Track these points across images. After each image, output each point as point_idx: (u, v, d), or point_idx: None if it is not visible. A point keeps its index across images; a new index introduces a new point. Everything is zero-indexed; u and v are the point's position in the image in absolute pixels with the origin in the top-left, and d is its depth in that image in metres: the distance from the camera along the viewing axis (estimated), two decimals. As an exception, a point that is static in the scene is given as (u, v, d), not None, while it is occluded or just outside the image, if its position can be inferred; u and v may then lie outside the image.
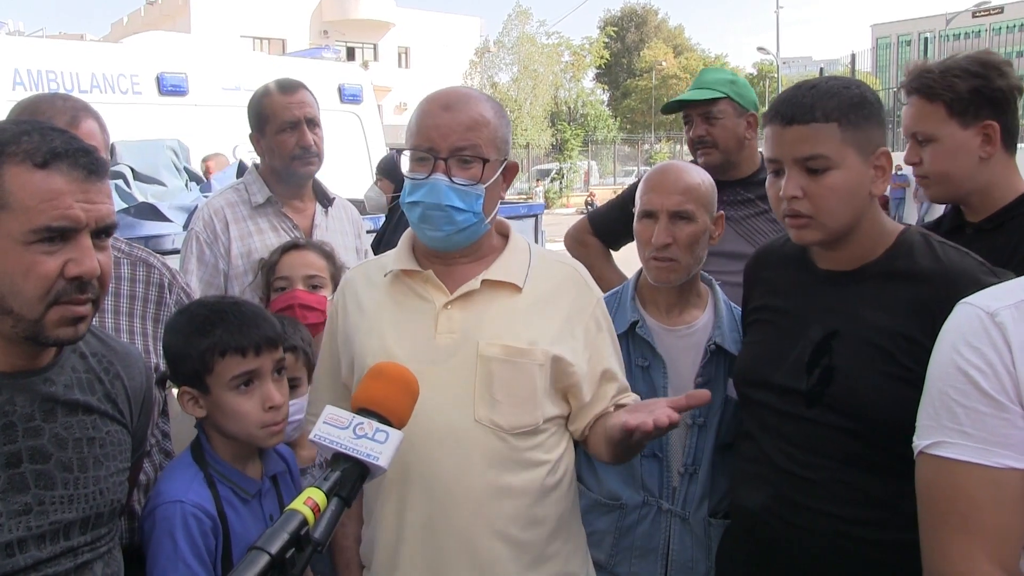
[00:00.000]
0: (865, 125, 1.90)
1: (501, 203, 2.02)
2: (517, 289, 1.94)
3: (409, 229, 2.05)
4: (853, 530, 1.88)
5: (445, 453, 1.86)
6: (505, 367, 1.87)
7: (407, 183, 1.91)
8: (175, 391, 2.25)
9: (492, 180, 1.91)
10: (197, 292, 2.67)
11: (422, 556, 1.88)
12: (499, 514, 1.87)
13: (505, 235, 2.06)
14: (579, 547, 2.08)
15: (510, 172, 2.00)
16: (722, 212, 2.44)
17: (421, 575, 1.89)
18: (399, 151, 5.59)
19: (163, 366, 2.23)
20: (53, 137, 1.47)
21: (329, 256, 2.76)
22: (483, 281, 1.92)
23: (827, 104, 1.88)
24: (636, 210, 2.41)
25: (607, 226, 3.56)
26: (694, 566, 2.35)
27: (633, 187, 3.59)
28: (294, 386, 2.31)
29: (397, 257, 2.01)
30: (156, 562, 1.81)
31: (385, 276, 2.01)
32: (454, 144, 1.85)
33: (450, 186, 1.85)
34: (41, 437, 1.54)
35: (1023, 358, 1.41)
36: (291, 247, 2.73)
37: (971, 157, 2.32)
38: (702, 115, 3.28)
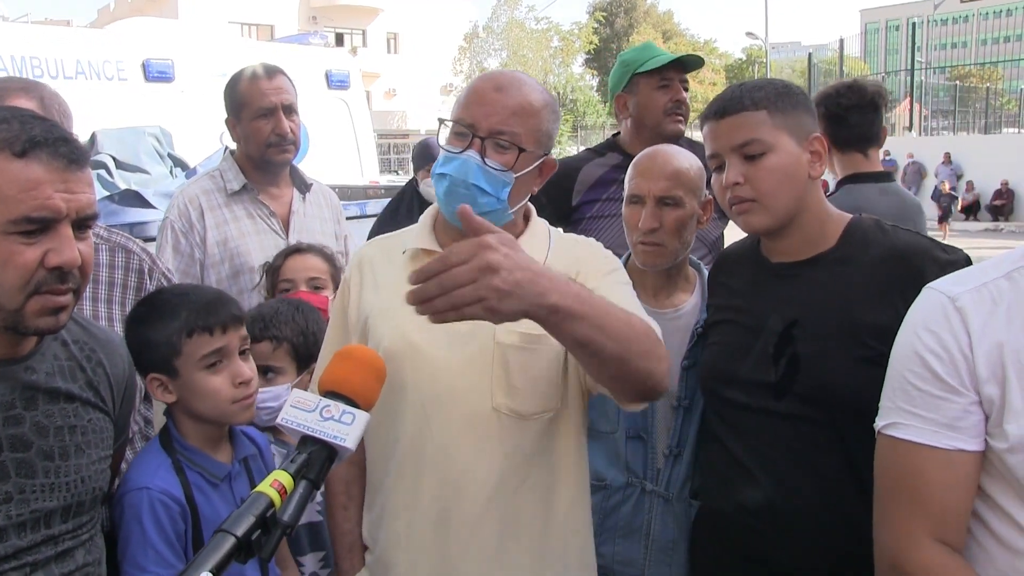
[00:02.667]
0: (793, 112, 2.01)
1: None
2: None
3: (431, 206, 2.03)
4: (829, 524, 1.89)
5: (462, 441, 1.84)
6: (522, 354, 1.84)
7: (441, 154, 1.88)
8: None
9: (525, 171, 1.87)
10: (175, 281, 2.66)
11: (433, 544, 1.87)
12: (514, 504, 1.86)
13: (528, 219, 2.02)
14: (588, 537, 2.04)
15: (547, 168, 1.95)
16: (710, 197, 2.44)
17: (431, 563, 1.88)
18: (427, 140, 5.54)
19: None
20: (33, 126, 1.45)
21: (330, 259, 2.84)
22: None
23: (755, 95, 2.01)
24: (624, 194, 2.43)
25: None
26: (675, 547, 2.38)
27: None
28: (276, 374, 2.36)
29: (418, 235, 1.98)
30: (126, 549, 1.82)
31: (403, 253, 1.97)
32: (494, 126, 1.82)
33: (480, 166, 1.81)
34: (22, 425, 1.54)
35: (981, 343, 1.45)
36: (294, 251, 2.82)
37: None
38: (682, 81, 3.27)
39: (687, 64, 3.29)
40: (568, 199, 3.30)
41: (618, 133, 3.48)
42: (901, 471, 1.53)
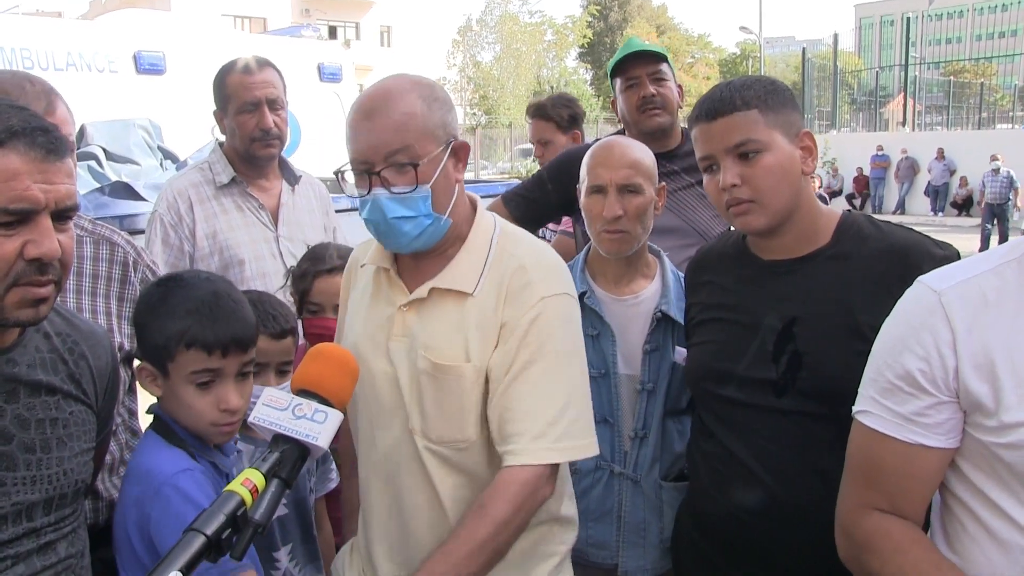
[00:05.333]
0: (783, 109, 1.99)
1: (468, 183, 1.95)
2: (466, 295, 1.85)
3: None
4: (830, 519, 1.85)
5: (397, 457, 1.88)
6: (432, 382, 1.82)
7: (358, 199, 1.86)
8: None
9: (437, 174, 1.79)
10: (159, 274, 2.63)
11: (385, 532, 1.93)
12: (449, 523, 1.86)
13: (473, 220, 1.95)
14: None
15: (461, 152, 1.86)
16: (664, 184, 2.52)
17: (387, 548, 1.94)
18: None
19: (128, 345, 2.21)
20: (10, 115, 1.43)
21: None
22: (432, 289, 1.85)
23: (745, 94, 1.98)
24: (583, 187, 2.48)
25: (524, 207, 3.40)
26: (646, 527, 2.44)
27: (548, 166, 3.56)
28: (287, 372, 2.31)
29: (373, 251, 1.97)
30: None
31: (362, 267, 1.99)
32: (384, 154, 1.75)
33: (391, 198, 1.77)
34: (3, 418, 1.53)
35: (967, 340, 1.46)
36: (323, 271, 2.66)
37: None
38: (651, 75, 3.20)
39: (646, 58, 3.22)
40: (573, 186, 3.32)
41: (622, 131, 3.49)
42: (865, 455, 1.61)
